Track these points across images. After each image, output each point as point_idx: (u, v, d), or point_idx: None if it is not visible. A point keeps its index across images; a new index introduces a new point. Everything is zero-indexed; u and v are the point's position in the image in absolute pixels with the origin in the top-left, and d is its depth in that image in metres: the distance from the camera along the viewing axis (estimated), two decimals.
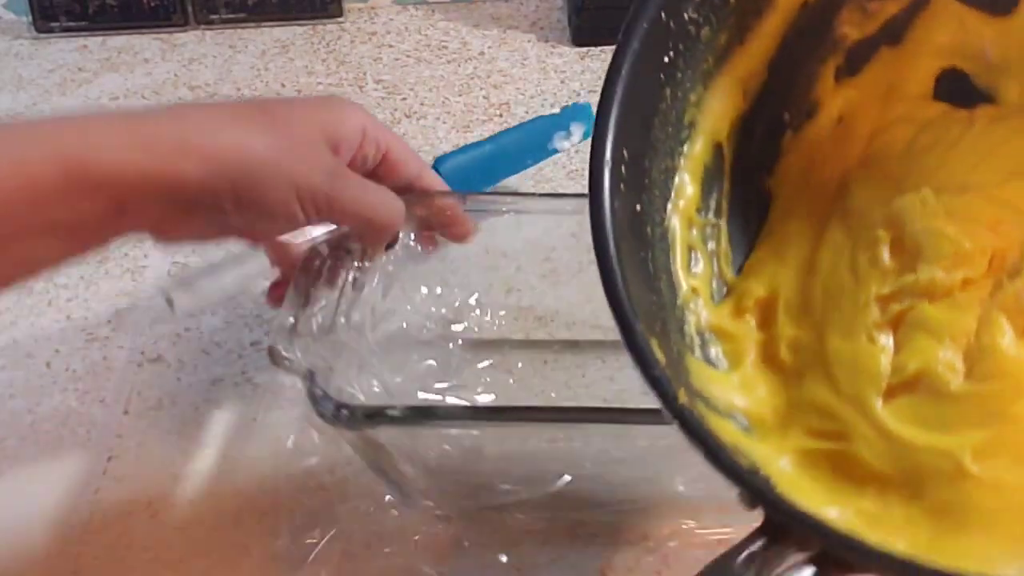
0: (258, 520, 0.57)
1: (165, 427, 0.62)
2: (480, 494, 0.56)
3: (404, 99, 0.84)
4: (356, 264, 0.57)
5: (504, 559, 0.56)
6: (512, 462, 0.54)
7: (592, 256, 0.67)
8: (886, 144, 0.48)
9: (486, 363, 0.64)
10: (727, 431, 0.42)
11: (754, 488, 0.37)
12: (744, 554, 0.36)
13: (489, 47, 0.90)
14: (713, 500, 0.55)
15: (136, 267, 0.72)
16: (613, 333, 0.47)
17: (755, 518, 0.54)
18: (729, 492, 0.37)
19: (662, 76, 0.43)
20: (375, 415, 0.50)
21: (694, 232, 0.47)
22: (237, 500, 0.58)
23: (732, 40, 0.46)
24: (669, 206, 0.46)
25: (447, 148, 0.79)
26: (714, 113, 0.46)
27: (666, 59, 0.43)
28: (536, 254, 0.64)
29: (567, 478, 0.53)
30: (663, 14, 0.42)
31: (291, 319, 0.53)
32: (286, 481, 0.58)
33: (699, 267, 0.47)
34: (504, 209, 0.61)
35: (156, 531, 0.57)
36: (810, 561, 0.35)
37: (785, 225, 0.49)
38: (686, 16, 0.43)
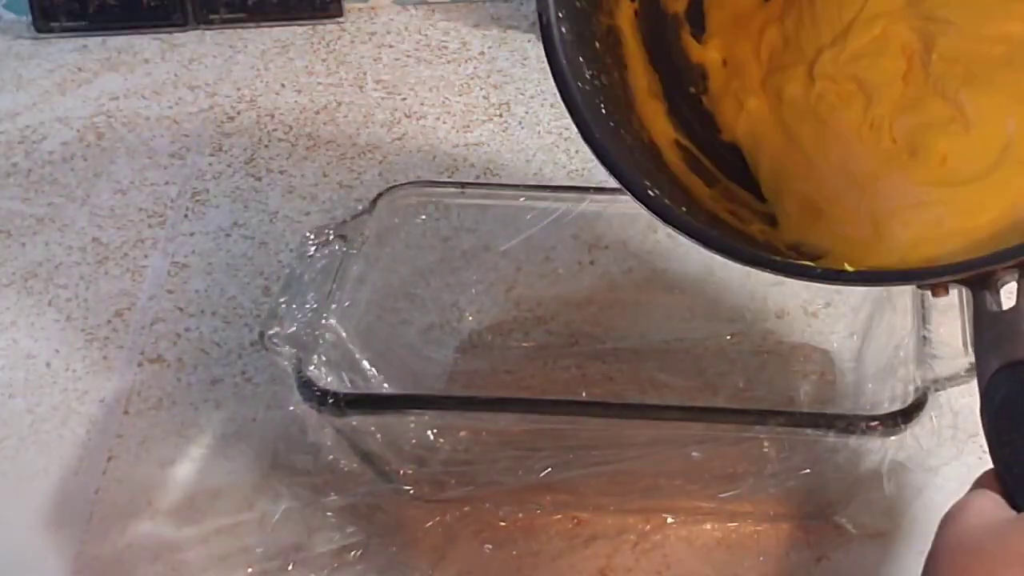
0: (258, 520, 0.57)
1: (165, 427, 0.62)
2: (469, 483, 0.56)
3: (404, 99, 0.84)
4: (353, 253, 0.57)
5: (499, 556, 0.56)
6: (502, 453, 0.54)
7: (592, 256, 0.67)
8: (769, 48, 0.56)
9: (485, 362, 0.64)
10: None
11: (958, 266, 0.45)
12: (985, 304, 0.43)
13: (489, 47, 0.90)
14: (714, 498, 0.55)
15: (136, 267, 0.71)
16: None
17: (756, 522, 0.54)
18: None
19: (611, 124, 0.51)
20: (359, 402, 0.51)
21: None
22: (236, 500, 0.58)
23: (622, 72, 0.54)
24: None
25: (447, 148, 0.79)
26: (656, 126, 0.54)
27: (603, 111, 0.51)
28: (536, 254, 0.64)
29: (550, 469, 0.54)
30: (579, 83, 0.50)
31: (283, 305, 0.53)
32: (285, 481, 0.58)
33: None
34: (502, 201, 0.61)
35: (156, 531, 0.57)
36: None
37: (768, 154, 0.56)
38: (589, 76, 0.51)
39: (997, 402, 0.41)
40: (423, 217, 0.62)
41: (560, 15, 0.51)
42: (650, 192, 0.49)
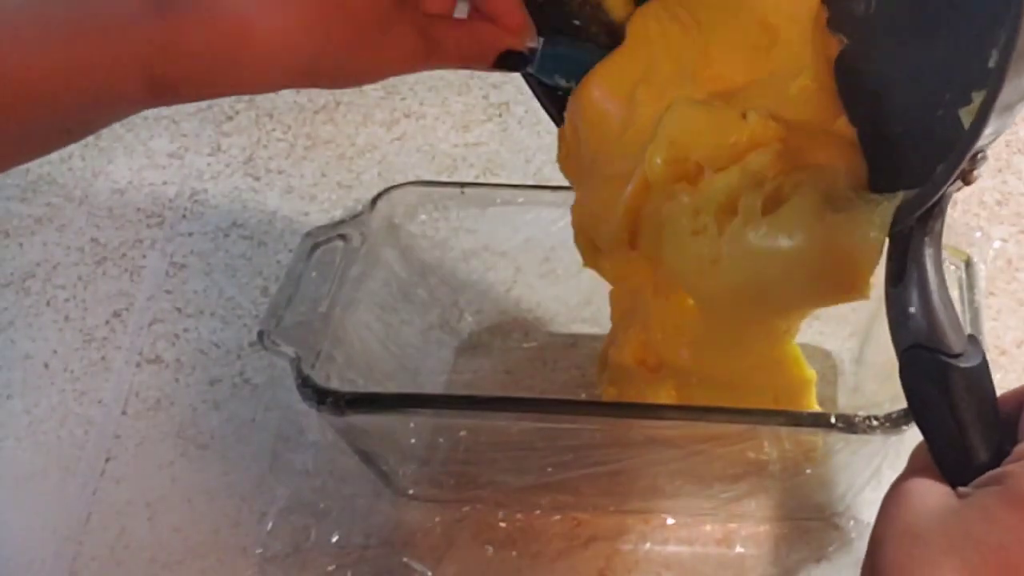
0: (256, 521, 0.57)
1: (163, 428, 0.62)
2: (469, 484, 0.56)
3: (403, 99, 0.84)
4: (352, 253, 0.57)
5: (499, 557, 0.55)
6: (502, 453, 0.54)
7: None
8: None
9: (484, 362, 0.63)
10: None
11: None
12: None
13: None
14: (714, 498, 0.55)
15: (134, 267, 0.71)
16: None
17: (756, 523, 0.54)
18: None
19: None
20: (358, 402, 0.51)
21: None
22: (235, 501, 0.58)
23: None
24: None
25: (446, 148, 0.79)
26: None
27: None
28: (535, 254, 0.63)
29: (550, 469, 0.54)
30: None
31: (282, 305, 0.53)
32: (284, 482, 0.58)
33: None
34: (500, 200, 0.61)
35: (154, 532, 0.57)
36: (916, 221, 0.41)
37: None
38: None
39: (909, 380, 0.41)
40: (422, 217, 0.62)
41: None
42: None
